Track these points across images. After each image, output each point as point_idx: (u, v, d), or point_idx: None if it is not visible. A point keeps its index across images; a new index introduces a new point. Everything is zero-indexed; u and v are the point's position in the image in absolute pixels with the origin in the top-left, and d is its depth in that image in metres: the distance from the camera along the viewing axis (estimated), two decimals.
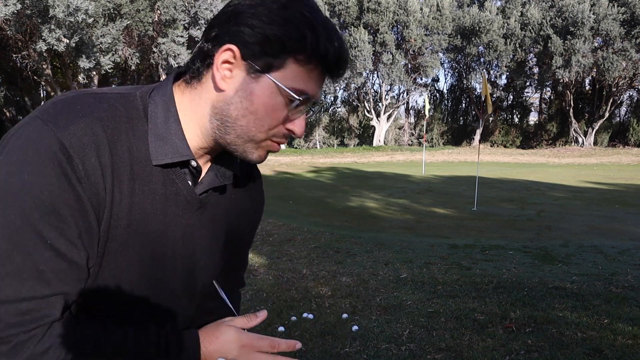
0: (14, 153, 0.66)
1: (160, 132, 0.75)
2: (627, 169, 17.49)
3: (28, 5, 13.60)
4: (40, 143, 0.66)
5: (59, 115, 0.68)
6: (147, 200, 0.75)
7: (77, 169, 0.67)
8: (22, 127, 0.69)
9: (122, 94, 0.76)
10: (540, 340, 2.98)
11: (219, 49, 0.72)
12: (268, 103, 0.73)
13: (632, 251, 5.40)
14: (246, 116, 0.74)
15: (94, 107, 0.71)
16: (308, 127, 31.89)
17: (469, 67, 28.29)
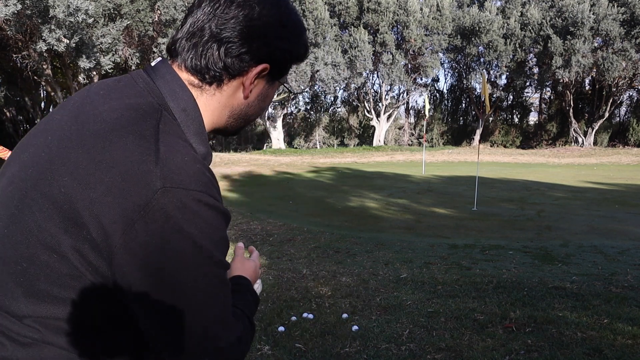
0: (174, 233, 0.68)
1: (199, 141, 0.81)
2: (627, 169, 17.49)
3: (28, 5, 13.60)
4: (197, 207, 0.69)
5: (183, 176, 0.70)
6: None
7: (219, 198, 0.76)
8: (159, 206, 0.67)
9: (162, 116, 0.76)
10: (540, 340, 2.99)
11: (254, 68, 0.82)
12: (272, 97, 0.91)
13: (632, 251, 5.40)
14: (258, 112, 0.90)
15: (181, 147, 0.74)
16: (308, 127, 31.94)
17: (468, 67, 28.28)
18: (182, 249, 0.68)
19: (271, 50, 0.81)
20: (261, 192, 10.79)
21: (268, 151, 25.13)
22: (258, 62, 0.81)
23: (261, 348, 2.88)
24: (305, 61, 19.31)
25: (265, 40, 0.80)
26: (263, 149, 27.84)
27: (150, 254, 0.67)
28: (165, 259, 0.67)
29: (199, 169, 0.72)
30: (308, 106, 31.87)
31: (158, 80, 0.80)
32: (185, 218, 0.68)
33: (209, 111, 0.83)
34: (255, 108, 0.88)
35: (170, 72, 0.81)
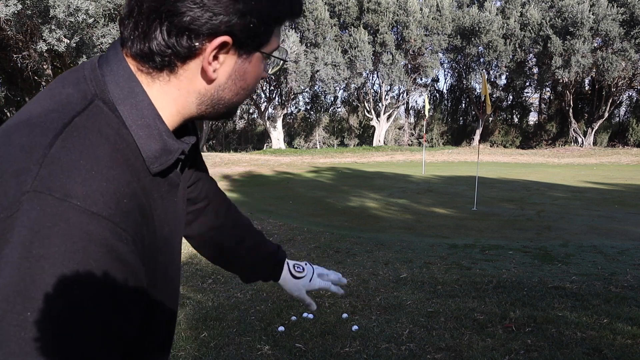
0: (34, 248, 0.52)
1: (148, 137, 0.66)
2: (627, 169, 17.50)
3: (29, 5, 13.61)
4: (70, 229, 0.53)
5: (68, 182, 0.55)
6: (158, 210, 0.68)
7: (128, 237, 0.58)
8: (23, 212, 0.53)
9: (88, 110, 0.62)
10: (539, 340, 2.99)
11: (209, 43, 0.64)
12: (257, 73, 0.71)
13: (631, 251, 5.41)
14: (239, 93, 0.71)
15: (93, 149, 0.59)
16: (308, 127, 31.94)
17: (468, 67, 28.29)
18: (25, 278, 0.51)
19: (229, 18, 0.63)
20: (261, 192, 10.79)
21: (268, 151, 25.14)
22: (214, 35, 0.63)
23: (261, 348, 2.88)
24: (305, 61, 19.10)
25: (219, 5, 0.62)
26: (263, 149, 27.84)
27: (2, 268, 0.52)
28: (4, 282, 0.52)
29: (98, 176, 0.56)
30: (308, 106, 31.90)
31: (104, 67, 0.66)
32: (46, 239, 0.52)
33: (168, 100, 0.68)
34: (233, 90, 0.70)
35: (116, 56, 0.67)
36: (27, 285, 0.51)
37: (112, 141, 0.61)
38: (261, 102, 27.26)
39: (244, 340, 2.98)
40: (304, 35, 24.83)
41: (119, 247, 0.56)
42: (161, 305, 0.74)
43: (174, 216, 0.75)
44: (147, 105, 0.66)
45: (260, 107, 27.04)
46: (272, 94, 27.18)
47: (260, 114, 27.33)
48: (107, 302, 0.55)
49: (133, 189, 0.61)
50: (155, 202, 0.67)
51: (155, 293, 0.70)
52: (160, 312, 0.75)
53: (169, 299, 0.77)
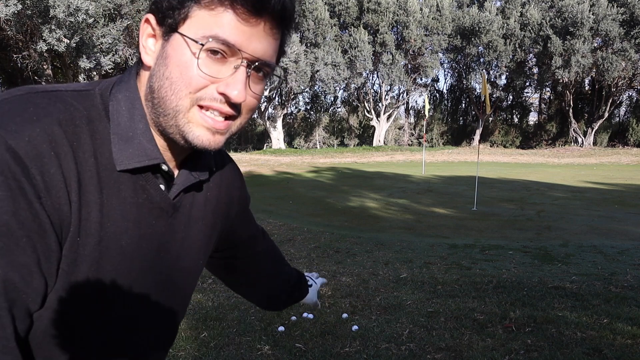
0: None
1: (124, 132, 0.66)
2: (627, 169, 17.50)
3: (29, 5, 13.61)
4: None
5: (8, 119, 0.58)
6: (117, 212, 0.66)
7: (35, 181, 0.57)
8: None
9: (78, 91, 0.66)
10: (539, 340, 2.99)
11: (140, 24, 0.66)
12: (180, 61, 0.63)
13: (631, 251, 5.41)
14: (164, 84, 0.64)
15: (49, 108, 0.61)
16: (308, 127, 31.92)
17: (468, 67, 28.30)
18: None
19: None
20: (261, 192, 10.79)
21: (268, 151, 25.14)
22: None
23: (261, 348, 2.88)
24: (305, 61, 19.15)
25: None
26: (263, 149, 27.85)
27: None
28: None
29: (38, 126, 0.59)
30: (308, 106, 31.90)
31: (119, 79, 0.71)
32: None
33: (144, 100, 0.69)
34: (159, 77, 0.65)
35: (129, 73, 0.71)
36: None
37: (75, 116, 0.63)
38: (261, 102, 27.25)
39: (244, 340, 2.98)
40: (304, 35, 24.84)
41: (24, 185, 0.56)
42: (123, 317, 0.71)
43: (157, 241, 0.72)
44: (137, 108, 0.67)
45: (260, 107, 27.05)
46: (272, 94, 27.19)
47: (260, 114, 27.33)
48: (2, 227, 0.55)
49: (65, 155, 0.60)
50: (118, 201, 0.66)
51: (103, 298, 0.67)
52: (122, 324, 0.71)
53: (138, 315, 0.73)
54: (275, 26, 0.66)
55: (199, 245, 0.81)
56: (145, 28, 0.67)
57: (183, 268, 0.79)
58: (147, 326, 0.76)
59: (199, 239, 0.80)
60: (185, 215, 0.76)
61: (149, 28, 0.67)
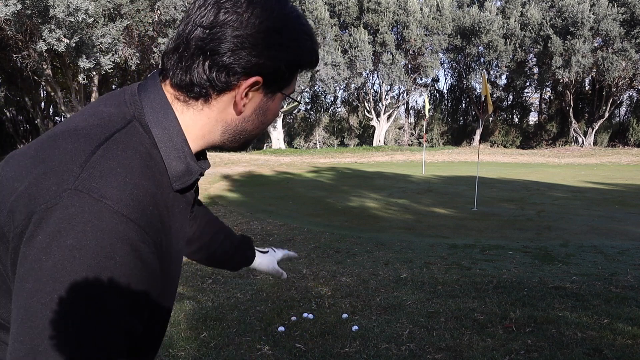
0: (69, 238, 0.59)
1: (175, 158, 0.74)
2: (627, 169, 17.49)
3: (28, 5, 13.60)
4: (102, 224, 0.61)
5: (104, 185, 0.63)
6: (176, 225, 0.76)
7: (149, 239, 0.65)
8: (63, 205, 0.61)
9: (126, 129, 0.71)
10: (540, 340, 2.99)
11: (244, 81, 0.74)
12: (276, 110, 0.82)
13: (632, 251, 5.40)
14: (259, 127, 0.82)
15: (128, 161, 0.67)
16: (308, 127, 31.95)
17: (469, 67, 28.29)
18: (58, 264, 0.59)
19: (263, 61, 0.73)
20: (261, 192, 10.79)
21: (268, 151, 25.14)
22: (248, 74, 0.73)
23: (261, 348, 2.88)
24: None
25: (255, 50, 0.72)
26: (263, 149, 27.84)
27: (36, 253, 0.60)
28: (40, 265, 0.60)
29: (130, 184, 0.65)
30: (308, 106, 31.88)
31: (142, 94, 0.76)
32: (80, 232, 0.60)
33: (198, 127, 0.77)
34: (255, 123, 0.80)
35: (154, 85, 0.77)
36: (58, 270, 0.59)
37: (144, 157, 0.70)
38: None
39: (244, 340, 2.97)
40: None
41: (141, 248, 0.64)
42: (164, 309, 0.80)
43: (184, 230, 0.82)
44: (177, 130, 0.75)
45: None
46: None
47: None
48: (127, 296, 0.63)
49: (157, 200, 0.69)
50: (175, 216, 0.75)
51: (164, 299, 0.77)
52: (163, 315, 0.80)
53: (170, 303, 0.83)
54: None
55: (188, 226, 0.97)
56: (250, 86, 0.75)
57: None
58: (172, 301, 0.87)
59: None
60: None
61: (252, 86, 0.76)
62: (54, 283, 0.59)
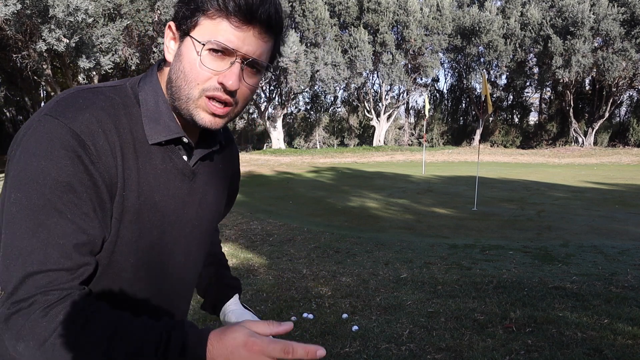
0: (31, 146, 0.75)
1: (152, 115, 0.85)
2: (627, 169, 17.49)
3: (28, 5, 13.59)
4: (53, 134, 0.75)
5: (65, 110, 0.78)
6: (151, 175, 0.85)
7: (90, 151, 0.76)
8: (33, 125, 0.77)
9: (114, 86, 0.86)
10: (540, 340, 2.98)
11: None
12: (190, 58, 0.82)
13: (632, 251, 5.40)
14: (179, 76, 0.83)
15: (94, 99, 0.81)
16: (308, 127, 31.93)
17: (469, 67, 28.28)
18: (22, 168, 0.75)
19: (176, 7, 0.84)
20: (261, 192, 10.78)
21: (268, 151, 25.13)
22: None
23: None
24: (305, 61, 19.04)
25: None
26: (263, 149, 27.83)
27: (13, 165, 0.76)
28: (13, 173, 0.75)
29: (87, 113, 0.78)
30: (308, 106, 31.87)
31: (142, 77, 0.90)
32: (38, 142, 0.75)
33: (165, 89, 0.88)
34: (176, 71, 0.83)
35: (152, 70, 0.90)
36: (22, 172, 0.74)
37: (114, 103, 0.83)
38: (261, 102, 27.25)
39: None
40: (304, 35, 24.82)
41: (82, 154, 0.76)
42: (138, 244, 0.85)
43: (181, 198, 0.90)
44: (160, 94, 0.87)
45: (260, 107, 27.03)
46: (272, 94, 27.18)
47: (260, 114, 27.32)
48: (71, 192, 0.75)
49: (109, 131, 0.79)
50: (151, 167, 0.85)
51: (131, 232, 0.83)
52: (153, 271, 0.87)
53: (166, 262, 0.90)
54: (264, 32, 0.82)
55: (214, 208, 1.00)
56: (168, 32, 0.85)
57: (202, 225, 0.97)
58: (175, 274, 0.93)
59: (214, 202, 0.99)
60: (202, 181, 0.95)
61: (170, 32, 0.85)
62: (18, 183, 0.74)
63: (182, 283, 0.96)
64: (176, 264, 0.92)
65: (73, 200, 0.75)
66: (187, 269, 0.96)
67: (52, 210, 0.74)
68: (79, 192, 0.75)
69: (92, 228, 0.77)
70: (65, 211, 0.74)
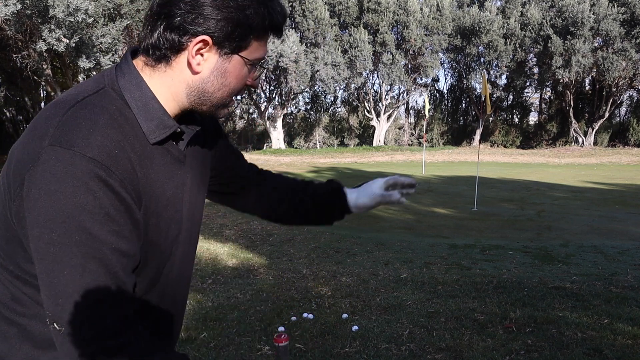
0: (51, 184, 0.73)
1: (144, 114, 0.84)
2: (627, 169, 17.49)
3: (28, 5, 13.59)
4: (74, 167, 0.73)
5: (72, 137, 0.75)
6: (159, 174, 0.86)
7: (116, 175, 0.76)
8: (43, 158, 0.74)
9: (97, 92, 0.83)
10: (540, 340, 2.98)
11: (192, 40, 0.82)
12: (238, 75, 0.87)
13: (632, 251, 5.40)
14: (221, 89, 0.87)
15: (94, 118, 0.78)
16: (308, 127, 31.94)
17: (469, 67, 28.27)
18: (49, 207, 0.73)
19: (210, 21, 0.81)
20: None
21: (268, 151, 25.13)
22: (197, 34, 0.81)
23: (261, 348, 2.87)
24: (305, 61, 19.03)
25: (204, 11, 0.80)
26: (263, 149, 27.83)
27: (32, 203, 0.74)
28: (37, 213, 0.74)
29: (95, 133, 0.76)
30: (308, 106, 31.86)
31: (117, 70, 0.87)
32: (59, 177, 0.72)
33: (165, 88, 0.86)
34: (215, 85, 0.86)
35: (125, 59, 0.88)
36: (49, 212, 0.73)
37: (112, 113, 0.81)
38: (261, 102, 27.24)
39: (244, 341, 2.97)
40: (304, 35, 24.82)
41: (110, 181, 0.75)
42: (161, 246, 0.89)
43: (181, 185, 0.92)
44: (147, 91, 0.85)
45: (260, 107, 27.03)
46: (272, 94, 27.17)
47: (260, 114, 27.31)
48: (109, 222, 0.76)
49: (125, 148, 0.79)
50: (156, 165, 0.85)
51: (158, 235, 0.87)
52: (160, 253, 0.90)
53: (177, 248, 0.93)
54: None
55: (201, 181, 1.03)
56: (199, 45, 0.83)
57: (197, 202, 1.00)
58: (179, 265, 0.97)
59: (201, 175, 1.02)
60: (190, 159, 0.96)
61: (202, 46, 0.83)
62: (50, 223, 0.73)
63: (183, 277, 1.00)
64: (179, 259, 0.96)
65: (113, 228, 0.76)
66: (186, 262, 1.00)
67: (96, 242, 0.74)
68: (117, 219, 0.76)
69: (132, 248, 0.79)
70: (109, 241, 0.75)
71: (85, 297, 0.74)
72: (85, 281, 0.74)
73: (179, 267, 0.97)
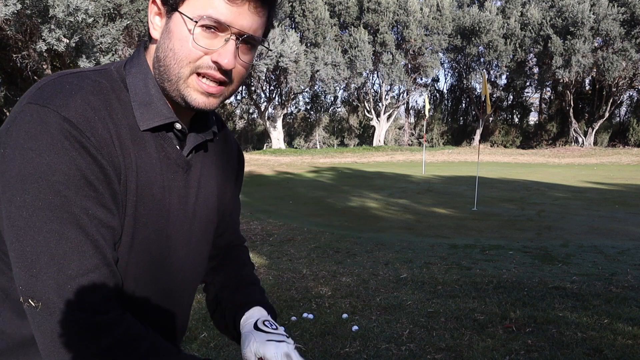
0: (24, 141, 0.67)
1: (142, 99, 0.79)
2: (627, 169, 17.49)
3: (28, 5, 13.59)
4: (48, 124, 0.68)
5: (52, 96, 0.70)
6: (147, 164, 0.79)
7: (91, 140, 0.70)
8: (19, 116, 0.70)
9: (99, 70, 0.80)
10: (540, 340, 2.98)
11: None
12: (180, 35, 0.75)
13: (632, 251, 5.40)
14: (167, 55, 0.77)
15: (81, 84, 0.74)
16: (308, 127, 31.93)
17: (469, 67, 28.27)
18: (20, 166, 0.67)
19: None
20: (261, 192, 10.78)
21: (268, 151, 25.13)
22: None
23: None
24: (305, 61, 19.11)
25: None
26: (263, 149, 27.83)
27: (5, 165, 0.68)
28: (10, 174, 0.68)
29: (78, 99, 0.71)
30: (308, 106, 31.88)
31: (129, 57, 0.85)
32: (32, 134, 0.67)
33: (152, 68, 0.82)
34: (164, 50, 0.77)
35: (138, 51, 0.84)
36: (22, 172, 0.67)
37: (103, 87, 0.76)
38: (261, 102, 27.25)
39: None
40: (304, 35, 24.82)
41: (85, 143, 0.69)
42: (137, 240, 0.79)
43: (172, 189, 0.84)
44: (150, 78, 0.80)
45: (260, 107, 27.03)
46: (272, 94, 27.17)
47: (260, 114, 27.31)
48: (84, 184, 0.69)
49: (104, 118, 0.73)
50: (144, 155, 0.79)
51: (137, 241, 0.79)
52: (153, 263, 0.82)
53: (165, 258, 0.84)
54: (260, 5, 0.76)
55: (212, 202, 0.94)
56: (152, 7, 0.79)
57: (200, 220, 0.91)
58: (177, 266, 0.88)
59: (210, 195, 0.93)
60: (197, 173, 0.89)
61: (155, 7, 0.79)
62: (21, 184, 0.67)
63: (183, 280, 0.91)
64: (176, 260, 0.87)
65: (91, 194, 0.69)
66: (188, 265, 0.91)
67: (73, 207, 0.68)
68: (95, 184, 0.70)
69: (112, 220, 0.73)
70: (87, 206, 0.69)
71: (63, 267, 0.67)
72: (62, 249, 0.67)
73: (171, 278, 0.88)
